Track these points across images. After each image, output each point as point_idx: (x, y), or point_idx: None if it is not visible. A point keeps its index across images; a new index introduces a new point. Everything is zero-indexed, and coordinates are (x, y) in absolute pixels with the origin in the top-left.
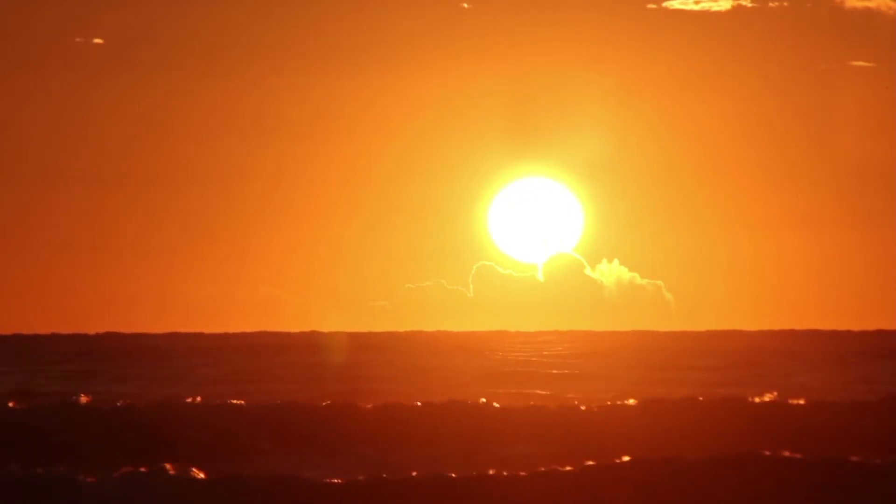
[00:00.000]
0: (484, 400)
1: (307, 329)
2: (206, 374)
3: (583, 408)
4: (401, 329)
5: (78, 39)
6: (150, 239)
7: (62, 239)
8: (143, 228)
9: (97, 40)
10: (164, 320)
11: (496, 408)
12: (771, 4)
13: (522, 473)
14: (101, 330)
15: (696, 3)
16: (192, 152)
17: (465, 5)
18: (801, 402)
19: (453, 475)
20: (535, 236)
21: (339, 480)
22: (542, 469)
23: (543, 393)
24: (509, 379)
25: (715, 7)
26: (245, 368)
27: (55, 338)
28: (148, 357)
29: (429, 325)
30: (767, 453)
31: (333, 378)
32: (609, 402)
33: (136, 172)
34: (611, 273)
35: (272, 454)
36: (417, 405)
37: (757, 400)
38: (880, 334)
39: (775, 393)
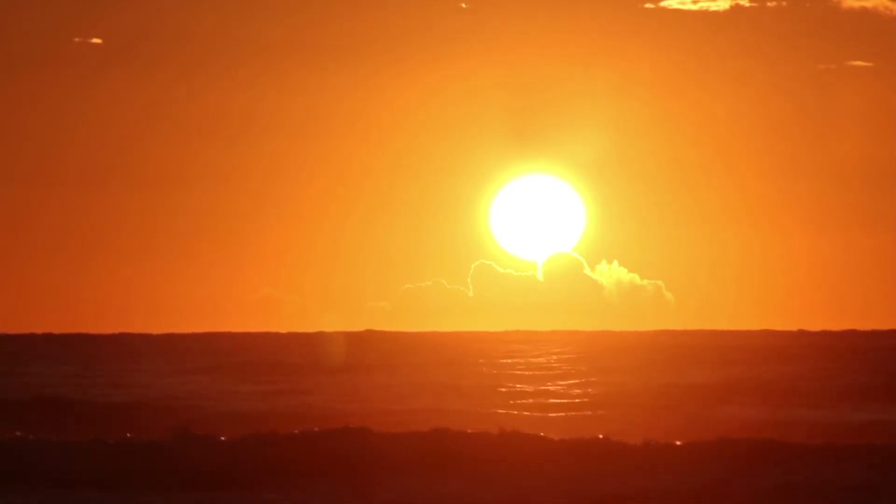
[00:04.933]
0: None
1: (307, 330)
2: None
3: None
4: (400, 329)
5: (76, 39)
6: (150, 239)
7: (61, 238)
8: (142, 228)
9: (95, 40)
10: (163, 321)
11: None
12: (769, 4)
13: None
14: (100, 331)
15: (695, 2)
16: (191, 152)
17: (463, 5)
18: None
19: None
20: (536, 234)
21: None
22: None
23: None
24: None
25: (713, 7)
26: None
27: (54, 338)
28: None
29: (429, 325)
30: None
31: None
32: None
33: (135, 172)
34: (610, 275)
35: None
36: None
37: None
38: (879, 335)
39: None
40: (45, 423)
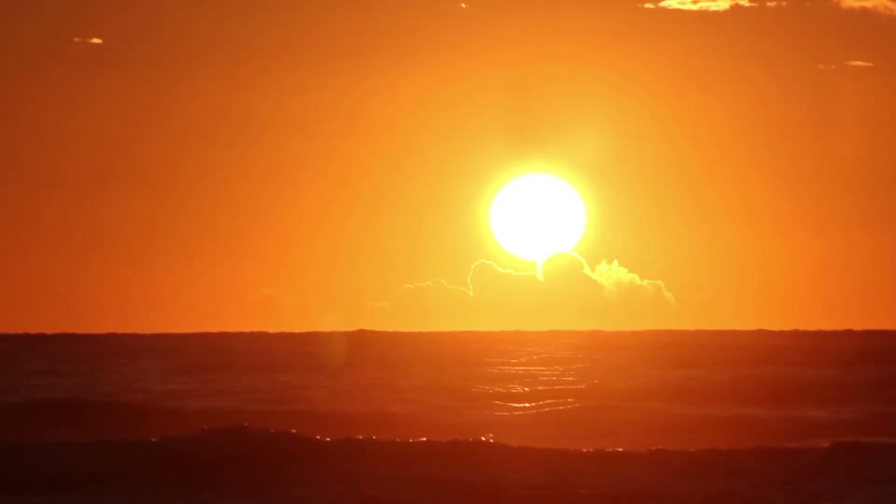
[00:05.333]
0: None
1: (306, 330)
2: None
3: None
4: (400, 329)
5: (76, 39)
6: (149, 239)
7: (60, 239)
8: (141, 228)
9: (95, 40)
10: (162, 321)
11: None
12: (769, 4)
13: None
14: (101, 330)
15: (694, 2)
16: (191, 152)
17: (463, 5)
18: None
19: None
20: (536, 234)
21: None
22: None
23: None
24: None
25: (713, 7)
26: None
27: (55, 338)
28: None
29: (429, 325)
30: None
31: None
32: None
33: (134, 172)
34: (610, 275)
35: None
36: None
37: None
38: (879, 335)
39: None
40: None
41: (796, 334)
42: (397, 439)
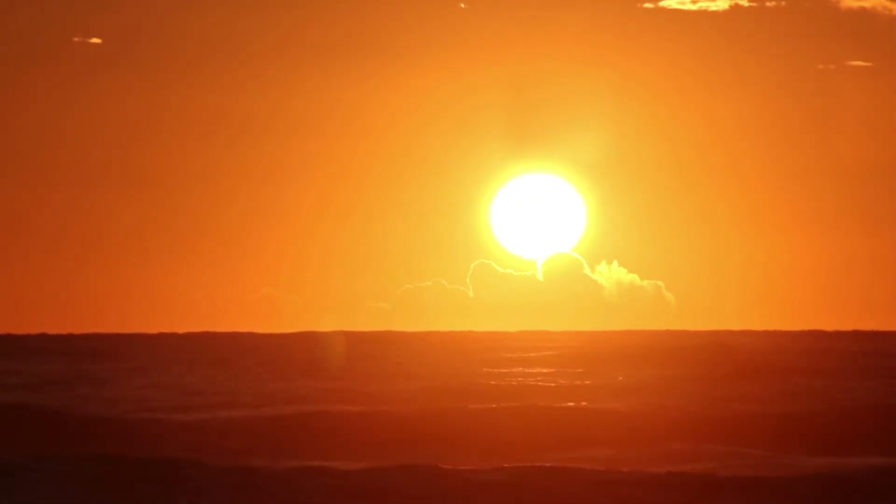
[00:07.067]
0: None
1: (306, 330)
2: None
3: None
4: (399, 330)
5: (76, 39)
6: (148, 239)
7: (59, 238)
8: (140, 228)
9: (95, 40)
10: (161, 321)
11: None
12: (769, 4)
13: None
14: (99, 330)
15: (694, 2)
16: (190, 152)
17: (463, 5)
18: None
19: None
20: (536, 234)
21: None
22: None
23: None
24: None
25: (713, 7)
26: None
27: (53, 338)
28: None
29: (428, 325)
30: None
31: None
32: None
33: (133, 172)
34: (610, 275)
35: None
36: None
37: None
38: (880, 335)
39: None
40: None
41: (768, 334)
42: None
